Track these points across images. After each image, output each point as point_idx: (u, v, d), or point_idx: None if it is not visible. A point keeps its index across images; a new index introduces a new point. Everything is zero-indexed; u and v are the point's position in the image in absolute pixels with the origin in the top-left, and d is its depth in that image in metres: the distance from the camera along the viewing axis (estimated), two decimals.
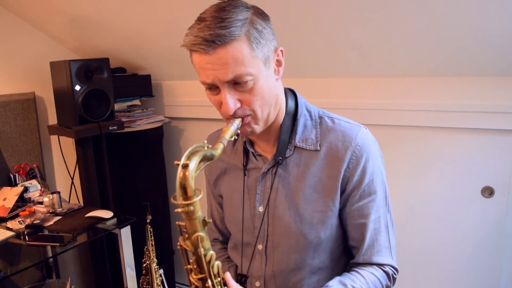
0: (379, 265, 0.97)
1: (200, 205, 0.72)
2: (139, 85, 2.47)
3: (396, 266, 0.99)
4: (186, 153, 0.71)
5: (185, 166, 0.70)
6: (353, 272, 0.96)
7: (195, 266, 0.76)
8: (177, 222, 0.75)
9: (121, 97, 2.36)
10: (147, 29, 2.09)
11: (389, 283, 0.97)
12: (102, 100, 2.10)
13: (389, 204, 1.00)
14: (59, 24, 2.26)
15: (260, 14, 0.86)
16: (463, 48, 1.54)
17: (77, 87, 1.99)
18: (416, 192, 1.89)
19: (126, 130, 2.25)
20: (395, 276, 0.98)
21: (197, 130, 2.58)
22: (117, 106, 2.33)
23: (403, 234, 1.88)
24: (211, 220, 0.74)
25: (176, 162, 0.70)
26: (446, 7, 1.40)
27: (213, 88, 0.86)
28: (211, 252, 0.75)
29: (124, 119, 2.27)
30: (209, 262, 0.75)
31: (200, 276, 0.76)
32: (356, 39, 1.69)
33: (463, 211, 1.81)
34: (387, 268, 0.97)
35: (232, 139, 0.83)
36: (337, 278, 0.94)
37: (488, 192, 1.75)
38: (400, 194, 1.90)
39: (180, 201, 0.70)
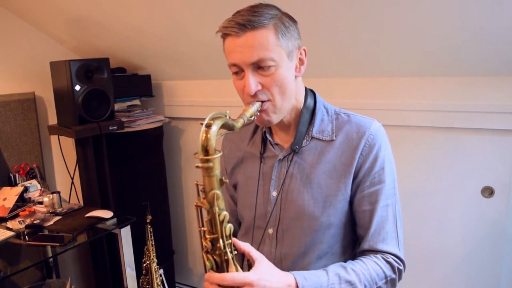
0: (384, 253, 0.98)
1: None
2: (139, 85, 2.47)
3: (402, 257, 0.99)
4: (210, 115, 0.79)
5: (209, 126, 0.77)
6: (356, 260, 0.98)
7: (208, 228, 0.80)
8: (195, 182, 0.80)
9: (121, 97, 2.36)
10: (147, 29, 2.09)
11: (394, 275, 0.97)
12: (102, 100, 2.10)
13: (398, 197, 1.04)
14: (59, 24, 2.26)
15: (289, 16, 0.97)
16: (463, 48, 1.55)
17: (77, 87, 1.99)
18: (415, 192, 1.89)
19: (126, 130, 2.25)
20: (400, 268, 0.98)
21: (197, 130, 2.58)
22: (117, 106, 2.33)
23: (403, 233, 1.88)
24: (227, 181, 0.80)
25: (200, 122, 0.77)
26: (446, 7, 1.40)
27: (239, 72, 0.94)
28: (225, 212, 0.79)
29: (124, 119, 2.27)
30: (222, 222, 0.79)
31: (212, 236, 0.80)
32: (357, 39, 1.69)
33: (463, 211, 1.81)
34: (391, 259, 0.97)
35: (252, 118, 0.90)
36: (339, 263, 0.97)
37: (488, 192, 1.75)
38: (400, 194, 1.89)
39: (201, 156, 0.77)
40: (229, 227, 0.80)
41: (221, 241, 0.79)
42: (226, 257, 0.81)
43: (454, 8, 1.39)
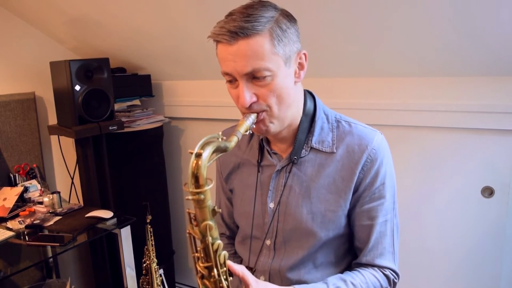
0: (381, 267, 0.98)
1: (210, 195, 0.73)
2: (139, 85, 2.47)
3: (397, 271, 1.00)
4: (200, 142, 0.73)
5: (199, 155, 0.71)
6: (354, 271, 0.98)
7: (202, 255, 0.77)
8: (187, 210, 0.77)
9: (121, 97, 2.36)
10: (147, 29, 2.09)
11: (389, 287, 0.98)
12: (102, 100, 2.10)
13: (397, 210, 1.02)
14: (59, 24, 2.26)
15: (287, 15, 0.89)
16: (464, 48, 1.54)
17: (77, 87, 1.99)
18: (416, 192, 1.89)
19: (126, 130, 2.25)
20: (395, 281, 1.00)
21: (197, 130, 2.58)
22: (117, 106, 2.33)
23: (403, 234, 1.87)
24: (220, 210, 0.75)
25: (190, 150, 0.72)
26: (446, 7, 1.40)
27: (233, 80, 0.88)
28: (219, 241, 0.76)
29: (124, 119, 2.27)
30: (216, 251, 0.76)
31: (206, 264, 0.77)
32: (357, 39, 1.69)
33: (463, 211, 1.81)
34: (387, 272, 0.98)
35: (247, 133, 0.85)
36: (338, 275, 0.97)
37: (488, 192, 1.75)
38: (400, 194, 1.89)
39: (191, 189, 0.72)
40: (223, 255, 0.77)
41: (215, 270, 0.77)
42: (221, 285, 0.79)
43: (453, 8, 1.39)
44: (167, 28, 2.04)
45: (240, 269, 0.86)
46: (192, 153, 0.71)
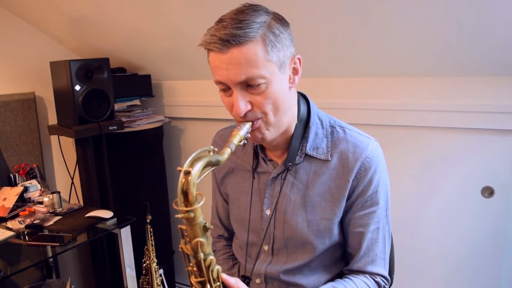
0: (372, 274, 0.99)
1: (202, 210, 0.72)
2: (139, 85, 2.47)
3: (388, 277, 1.01)
4: (190, 158, 0.71)
5: (187, 173, 0.69)
6: (345, 279, 0.98)
7: (195, 269, 0.76)
8: (179, 226, 0.75)
9: (121, 97, 2.36)
10: (147, 29, 2.09)
11: None
12: (102, 100, 2.10)
13: (389, 217, 1.02)
14: (59, 24, 2.26)
15: (280, 19, 0.86)
16: (463, 48, 1.54)
17: (77, 87, 1.99)
18: (415, 192, 1.89)
19: (126, 130, 2.25)
20: (386, 287, 1.01)
21: (197, 130, 2.58)
22: (117, 106, 2.33)
23: (403, 234, 1.88)
24: (212, 227, 0.74)
25: (178, 168, 0.70)
26: (446, 7, 1.40)
27: (226, 89, 0.86)
28: (211, 257, 0.75)
29: (124, 119, 2.27)
30: (208, 267, 0.75)
31: (199, 279, 0.76)
32: (356, 39, 1.69)
33: (463, 211, 1.81)
34: (378, 279, 0.99)
35: (241, 143, 0.83)
36: (330, 284, 0.97)
37: (488, 192, 1.75)
38: (400, 194, 1.90)
39: (181, 207, 0.70)
40: (216, 270, 0.76)
41: (208, 285, 0.76)
42: None
43: (453, 8, 1.39)
44: (167, 28, 2.04)
45: (235, 282, 0.86)
46: (181, 170, 0.69)
